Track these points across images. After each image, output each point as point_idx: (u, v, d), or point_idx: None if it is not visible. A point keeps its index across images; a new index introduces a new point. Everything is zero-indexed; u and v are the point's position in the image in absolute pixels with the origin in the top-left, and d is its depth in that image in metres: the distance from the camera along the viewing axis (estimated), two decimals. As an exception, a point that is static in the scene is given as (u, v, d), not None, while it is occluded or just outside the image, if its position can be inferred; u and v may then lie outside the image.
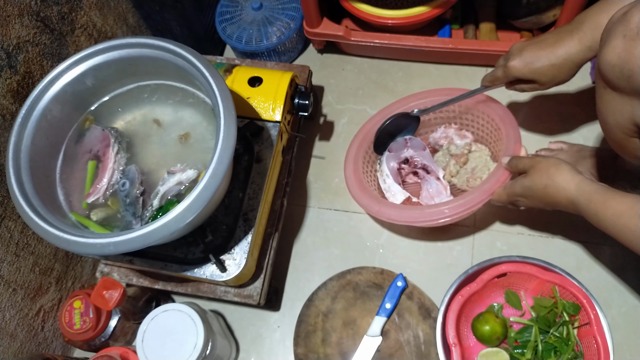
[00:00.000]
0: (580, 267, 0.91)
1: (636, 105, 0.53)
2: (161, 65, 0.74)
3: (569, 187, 0.67)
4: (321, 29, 1.07)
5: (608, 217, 0.61)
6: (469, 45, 1.04)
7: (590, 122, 1.02)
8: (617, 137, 0.60)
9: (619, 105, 0.56)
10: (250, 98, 0.85)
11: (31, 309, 0.83)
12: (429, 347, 0.87)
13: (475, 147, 0.96)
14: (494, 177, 0.82)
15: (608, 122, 0.60)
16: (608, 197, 0.62)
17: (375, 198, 0.88)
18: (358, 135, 0.97)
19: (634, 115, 0.54)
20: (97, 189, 0.73)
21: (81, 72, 0.73)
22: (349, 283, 0.93)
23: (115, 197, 0.73)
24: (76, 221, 0.72)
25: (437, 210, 0.81)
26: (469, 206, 0.80)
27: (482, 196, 0.80)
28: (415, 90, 1.10)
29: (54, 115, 0.73)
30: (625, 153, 0.63)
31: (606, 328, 0.78)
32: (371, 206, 0.87)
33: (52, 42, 0.82)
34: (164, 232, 0.61)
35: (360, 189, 0.89)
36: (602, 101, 0.59)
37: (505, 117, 0.87)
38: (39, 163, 0.70)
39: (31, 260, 0.81)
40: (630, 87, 0.52)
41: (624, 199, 0.60)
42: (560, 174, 0.69)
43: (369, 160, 0.97)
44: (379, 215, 0.86)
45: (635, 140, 0.58)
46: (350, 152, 0.96)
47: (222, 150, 0.63)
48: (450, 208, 0.80)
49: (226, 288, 0.84)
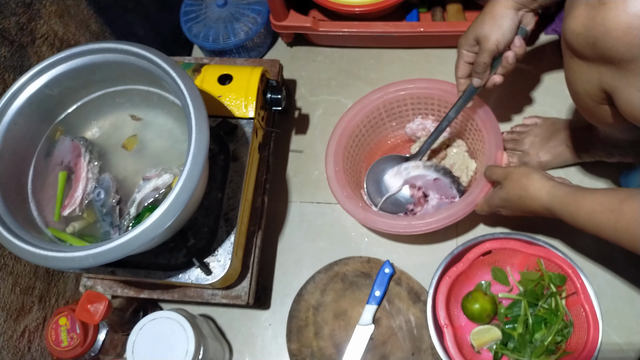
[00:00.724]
0: (563, 239, 0.92)
1: (603, 72, 0.54)
2: (127, 69, 0.73)
3: (542, 196, 0.70)
4: (288, 21, 1.06)
5: (582, 216, 0.64)
6: (439, 28, 1.04)
7: (562, 96, 1.03)
8: (587, 105, 0.60)
9: (586, 74, 0.56)
10: (222, 96, 0.84)
11: (15, 331, 0.81)
12: (421, 331, 0.87)
13: (452, 141, 0.97)
14: (477, 188, 0.83)
15: (577, 92, 0.60)
16: (578, 198, 0.64)
17: (359, 206, 0.87)
18: (337, 129, 0.95)
19: (601, 81, 0.55)
20: (72, 201, 0.71)
21: (44, 82, 0.71)
22: (336, 274, 0.93)
23: (91, 207, 0.72)
24: (53, 236, 0.70)
25: (423, 222, 0.83)
26: (454, 218, 0.82)
27: (467, 208, 0.82)
28: (388, 76, 1.11)
29: (20, 129, 0.71)
30: (596, 121, 0.64)
31: (593, 296, 0.79)
32: (356, 212, 0.86)
33: (12, 54, 0.80)
34: (143, 239, 0.59)
35: (345, 195, 0.88)
36: (570, 71, 0.59)
37: (487, 119, 0.88)
38: (9, 179, 0.68)
39: (10, 280, 0.79)
40: (595, 54, 0.52)
41: (593, 197, 0.63)
42: (532, 184, 0.71)
43: (349, 155, 0.95)
44: (365, 222, 0.86)
45: (605, 107, 0.59)
46: (330, 148, 0.93)
47: (196, 151, 0.62)
48: (437, 220, 0.82)
49: (213, 291, 0.83)
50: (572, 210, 0.65)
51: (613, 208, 0.59)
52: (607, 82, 0.54)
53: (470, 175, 0.94)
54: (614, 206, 0.59)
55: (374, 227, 0.85)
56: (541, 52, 1.09)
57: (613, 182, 0.93)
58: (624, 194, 0.59)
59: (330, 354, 0.88)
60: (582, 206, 0.63)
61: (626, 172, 0.90)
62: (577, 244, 0.91)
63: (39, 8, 0.86)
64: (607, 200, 0.60)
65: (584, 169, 0.95)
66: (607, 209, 0.60)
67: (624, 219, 0.58)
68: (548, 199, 0.69)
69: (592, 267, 0.89)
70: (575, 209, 0.65)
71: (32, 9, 0.84)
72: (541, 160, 0.92)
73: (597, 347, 0.76)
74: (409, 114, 0.99)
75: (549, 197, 0.69)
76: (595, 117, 0.62)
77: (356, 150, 0.97)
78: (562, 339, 0.81)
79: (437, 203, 0.91)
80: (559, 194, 0.67)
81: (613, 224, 0.59)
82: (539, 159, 0.92)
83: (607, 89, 0.55)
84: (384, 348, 0.87)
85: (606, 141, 0.84)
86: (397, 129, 1.01)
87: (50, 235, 0.70)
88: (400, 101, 0.96)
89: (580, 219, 0.64)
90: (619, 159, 0.87)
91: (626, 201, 0.58)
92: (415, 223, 0.83)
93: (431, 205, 0.92)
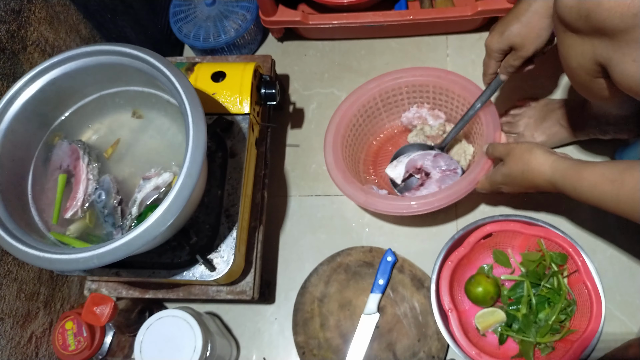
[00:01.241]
0: (562, 218, 0.93)
1: (596, 44, 0.54)
2: (121, 71, 0.73)
3: (545, 169, 0.70)
4: (278, 16, 1.06)
5: (585, 189, 0.64)
6: (427, 15, 1.04)
7: (555, 76, 1.03)
8: (582, 79, 0.61)
9: (579, 47, 0.57)
10: (216, 94, 0.84)
11: (22, 337, 0.81)
12: (426, 317, 0.88)
13: (448, 127, 0.97)
14: (478, 166, 0.83)
15: (571, 66, 0.61)
16: (581, 170, 0.65)
17: (360, 189, 0.87)
18: (334, 119, 0.95)
19: (596, 54, 0.55)
20: (74, 203, 0.71)
21: (39, 87, 0.71)
22: (339, 265, 0.93)
23: (92, 209, 0.72)
24: (56, 240, 0.70)
25: (425, 201, 0.83)
26: (456, 196, 0.82)
27: (469, 186, 0.82)
28: (379, 66, 1.12)
29: (17, 135, 0.71)
30: (591, 95, 0.64)
31: (594, 273, 0.80)
32: (357, 196, 0.86)
33: (4, 62, 0.80)
34: (146, 237, 0.60)
35: (345, 179, 0.88)
36: (564, 46, 0.60)
37: (496, 123, 0.88)
38: (9, 186, 0.69)
39: (15, 287, 0.80)
40: (588, 26, 0.53)
41: (594, 169, 0.63)
42: (535, 158, 0.72)
43: (347, 144, 0.96)
44: (366, 205, 0.86)
45: (600, 81, 0.59)
46: (328, 138, 0.94)
47: (194, 148, 0.62)
48: (439, 199, 0.82)
49: (218, 287, 0.83)
50: (574, 183, 0.65)
51: (614, 179, 0.59)
52: (601, 55, 0.54)
53: (468, 159, 0.95)
54: (615, 177, 0.60)
55: (376, 209, 0.85)
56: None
57: (609, 159, 0.94)
58: (624, 165, 0.60)
59: (337, 344, 0.88)
60: (585, 178, 0.64)
61: (622, 148, 0.91)
62: (576, 222, 0.92)
63: (29, 15, 0.86)
64: (609, 171, 0.61)
65: (580, 148, 0.96)
66: (609, 179, 0.60)
67: (625, 188, 0.58)
68: (551, 172, 0.69)
69: (592, 245, 0.90)
70: (578, 182, 0.65)
71: (21, 16, 0.85)
72: (536, 141, 0.93)
73: (600, 323, 0.77)
74: (404, 103, 1.00)
75: (551, 170, 0.69)
76: (591, 92, 0.63)
77: (354, 140, 0.97)
78: (565, 318, 0.81)
79: (440, 177, 0.90)
80: (562, 167, 0.68)
81: (615, 194, 0.59)
82: (534, 140, 0.93)
83: (602, 61, 0.55)
84: (390, 336, 0.88)
85: (600, 118, 0.84)
86: (393, 119, 1.02)
87: (53, 240, 0.70)
88: (396, 90, 0.96)
89: (583, 191, 0.64)
90: (613, 135, 0.88)
91: (627, 171, 0.58)
92: (416, 203, 0.83)
93: (435, 180, 0.91)
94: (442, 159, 0.91)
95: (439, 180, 0.90)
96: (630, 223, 0.87)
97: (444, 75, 0.92)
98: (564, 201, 0.93)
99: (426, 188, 0.90)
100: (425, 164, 0.91)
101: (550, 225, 0.85)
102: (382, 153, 1.02)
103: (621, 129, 0.85)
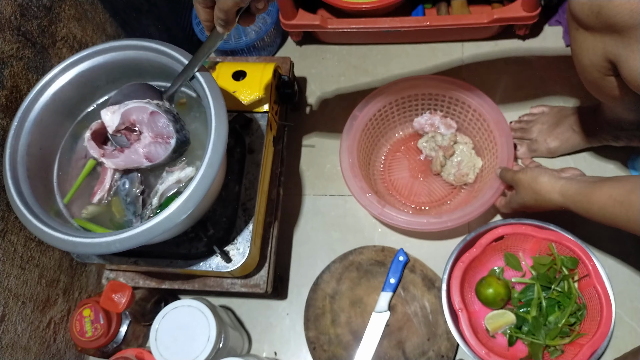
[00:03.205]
0: (573, 222, 0.93)
1: (607, 41, 0.55)
2: (145, 66, 0.75)
3: (555, 197, 0.74)
4: (297, 20, 1.09)
5: (596, 212, 0.67)
6: (444, 21, 1.06)
7: (568, 84, 1.05)
8: (593, 77, 0.62)
9: (591, 44, 0.58)
10: (236, 92, 0.87)
11: (42, 322, 0.83)
12: (436, 316, 0.89)
13: (459, 137, 0.99)
14: (492, 188, 0.88)
15: (583, 64, 0.62)
16: (589, 194, 0.68)
17: (377, 203, 0.89)
18: (350, 123, 0.96)
19: (606, 51, 0.56)
20: (101, 187, 0.73)
21: (68, 80, 0.74)
22: (352, 263, 0.95)
23: (117, 195, 0.74)
24: (79, 227, 0.72)
25: (439, 220, 0.87)
26: (469, 217, 0.87)
27: (482, 208, 0.87)
28: (395, 71, 1.14)
29: (45, 125, 0.73)
30: (602, 94, 0.65)
31: (605, 277, 0.80)
32: (373, 208, 0.89)
33: (35, 55, 0.83)
34: (167, 224, 0.62)
35: (363, 190, 0.91)
36: (576, 43, 0.61)
37: (500, 122, 0.91)
38: (36, 173, 0.71)
39: (37, 272, 0.82)
40: (599, 23, 0.54)
41: (602, 191, 0.66)
42: (542, 187, 0.76)
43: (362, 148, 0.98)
44: (381, 217, 0.89)
45: (610, 79, 0.61)
46: (344, 142, 0.95)
47: (216, 139, 0.64)
48: (452, 220, 0.87)
49: (233, 280, 0.85)
50: (585, 206, 0.69)
51: (622, 200, 0.62)
52: (611, 52, 0.56)
53: (476, 172, 0.97)
54: (623, 198, 0.62)
55: (391, 223, 0.88)
56: (545, 43, 1.10)
57: (621, 166, 0.95)
58: (631, 185, 0.62)
59: (347, 341, 0.89)
60: (594, 202, 0.67)
61: (634, 156, 0.91)
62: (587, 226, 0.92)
63: (59, 12, 0.90)
64: (616, 192, 0.63)
65: (593, 155, 0.97)
66: (617, 201, 0.63)
67: (633, 209, 0.60)
68: (561, 199, 0.73)
69: (603, 250, 0.91)
70: (588, 206, 0.68)
71: (52, 12, 0.88)
72: (550, 146, 0.94)
73: (610, 328, 0.78)
74: (418, 109, 1.02)
75: (561, 197, 0.73)
76: (601, 91, 0.64)
77: (367, 144, 0.99)
78: (575, 321, 0.82)
79: (149, 142, 0.72)
80: (570, 192, 0.71)
81: (625, 215, 0.62)
82: (547, 145, 0.94)
83: (612, 58, 0.56)
84: (400, 334, 0.89)
85: (613, 123, 0.85)
86: (404, 122, 1.04)
87: (76, 226, 0.72)
88: (412, 97, 0.99)
89: (594, 214, 0.68)
90: (626, 142, 0.89)
91: (634, 192, 0.60)
92: (433, 221, 0.87)
93: (143, 144, 0.72)
94: (160, 120, 0.71)
95: (147, 146, 0.72)
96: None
97: (459, 85, 0.95)
98: (576, 207, 0.94)
99: (133, 153, 0.72)
100: (139, 118, 0.72)
101: (562, 229, 0.85)
102: (394, 158, 1.05)
103: (634, 136, 0.86)
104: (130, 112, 0.72)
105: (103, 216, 0.74)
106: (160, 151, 0.72)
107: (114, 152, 0.73)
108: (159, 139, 0.72)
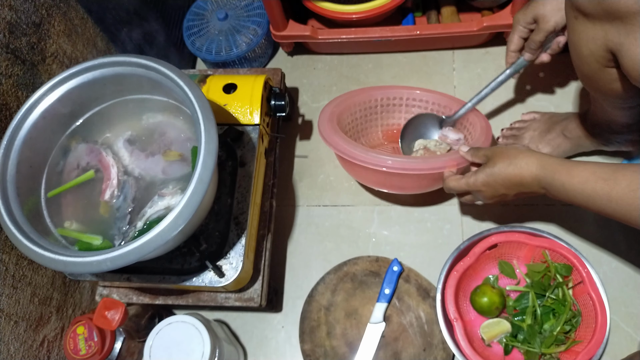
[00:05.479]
0: (566, 229, 0.93)
1: (608, 29, 0.54)
2: (136, 81, 0.75)
3: (532, 165, 0.68)
4: (288, 31, 1.09)
5: (575, 185, 0.62)
6: (434, 30, 1.06)
7: (559, 91, 1.05)
8: (592, 68, 0.60)
9: (591, 33, 0.56)
10: (227, 105, 0.87)
11: (35, 340, 0.83)
12: (431, 326, 0.88)
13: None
14: (454, 153, 0.82)
15: (582, 54, 0.60)
16: (571, 167, 0.63)
17: (345, 139, 0.84)
18: (334, 101, 0.97)
19: (606, 39, 0.55)
20: (109, 183, 0.73)
21: (57, 97, 0.74)
22: (346, 274, 0.94)
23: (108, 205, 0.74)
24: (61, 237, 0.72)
25: (400, 160, 0.80)
26: (434, 167, 0.80)
27: (446, 163, 0.80)
28: (386, 79, 1.14)
29: (35, 142, 0.73)
30: (599, 87, 0.64)
31: (599, 284, 0.81)
32: (340, 145, 0.84)
33: (24, 72, 0.83)
34: (158, 242, 0.61)
35: (333, 131, 0.87)
36: (575, 33, 0.59)
37: (486, 127, 0.90)
38: (26, 191, 0.71)
39: (29, 291, 0.82)
40: (601, 10, 0.53)
41: (586, 166, 0.62)
42: (521, 154, 0.69)
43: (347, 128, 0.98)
44: (345, 154, 0.83)
45: (609, 71, 0.59)
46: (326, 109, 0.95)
47: (206, 154, 0.64)
48: (412, 165, 0.80)
49: (226, 294, 0.85)
50: (563, 179, 0.63)
51: (607, 177, 0.58)
52: (612, 40, 0.54)
53: None
54: (607, 175, 0.59)
55: (353, 159, 0.82)
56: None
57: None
58: (616, 165, 0.59)
59: (343, 353, 0.89)
60: (575, 175, 0.62)
61: (625, 161, 0.92)
62: (581, 233, 0.93)
63: (48, 28, 0.90)
64: (600, 170, 0.60)
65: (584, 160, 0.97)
66: (601, 177, 0.59)
67: (618, 187, 0.57)
68: (539, 167, 0.67)
69: (597, 256, 0.91)
70: (567, 178, 0.63)
71: (41, 28, 0.88)
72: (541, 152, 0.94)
73: (605, 334, 0.78)
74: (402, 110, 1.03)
75: (539, 166, 0.67)
76: (599, 83, 0.62)
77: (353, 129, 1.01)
78: (571, 329, 0.82)
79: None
80: (550, 162, 0.66)
81: (607, 193, 0.58)
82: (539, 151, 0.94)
83: (613, 47, 0.55)
84: (395, 344, 0.89)
85: (603, 126, 0.85)
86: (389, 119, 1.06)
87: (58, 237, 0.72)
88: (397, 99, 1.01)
89: (572, 188, 0.62)
90: (617, 146, 0.89)
91: (620, 170, 0.58)
92: (391, 161, 0.79)
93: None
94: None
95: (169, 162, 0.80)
96: (636, 234, 0.88)
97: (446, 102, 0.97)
98: (569, 212, 0.94)
99: (155, 163, 0.79)
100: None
101: (555, 236, 0.86)
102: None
103: (625, 139, 0.86)
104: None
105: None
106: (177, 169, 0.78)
107: (140, 156, 0.79)
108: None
